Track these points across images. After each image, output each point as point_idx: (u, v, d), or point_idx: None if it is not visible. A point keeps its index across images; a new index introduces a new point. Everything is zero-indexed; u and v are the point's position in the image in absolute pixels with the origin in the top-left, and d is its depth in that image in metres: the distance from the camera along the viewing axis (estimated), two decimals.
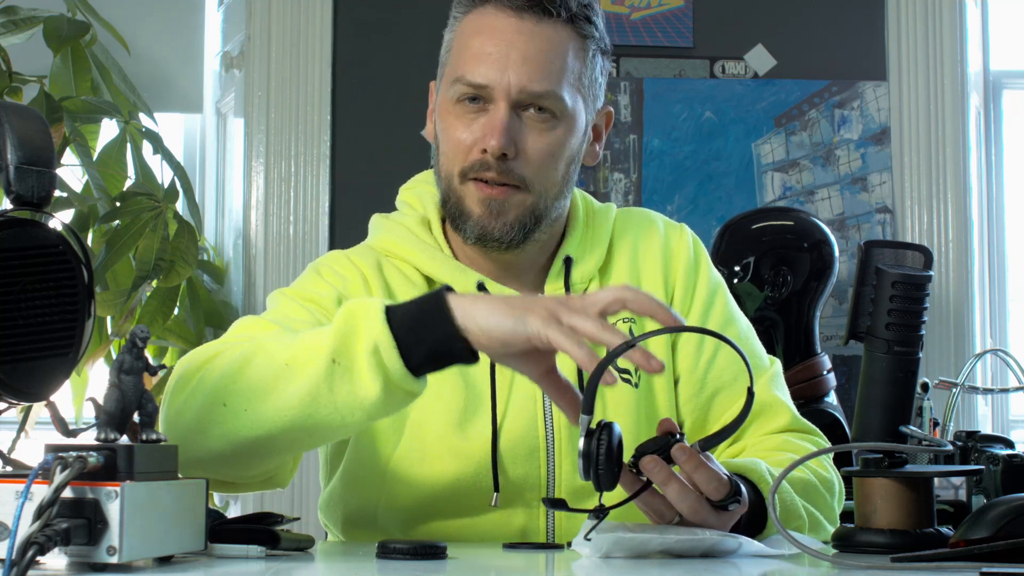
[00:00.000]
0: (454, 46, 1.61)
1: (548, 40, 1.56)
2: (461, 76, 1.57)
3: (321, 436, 1.39)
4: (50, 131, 1.20)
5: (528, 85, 1.55)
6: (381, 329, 1.27)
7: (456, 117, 1.58)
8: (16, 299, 1.14)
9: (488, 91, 1.55)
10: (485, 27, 1.57)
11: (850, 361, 3.19)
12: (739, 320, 1.72)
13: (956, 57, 3.34)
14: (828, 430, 2.58)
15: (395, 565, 1.23)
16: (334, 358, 1.29)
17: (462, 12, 1.62)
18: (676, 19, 3.31)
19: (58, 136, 2.77)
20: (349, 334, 1.29)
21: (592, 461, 1.26)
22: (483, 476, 1.56)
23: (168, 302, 2.99)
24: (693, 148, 3.28)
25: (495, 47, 1.55)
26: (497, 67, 1.55)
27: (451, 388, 1.57)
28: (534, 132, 1.57)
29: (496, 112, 1.55)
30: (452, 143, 1.59)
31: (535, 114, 1.56)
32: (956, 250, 3.29)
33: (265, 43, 3.27)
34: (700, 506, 1.32)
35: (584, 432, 1.26)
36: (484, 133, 1.55)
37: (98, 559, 1.05)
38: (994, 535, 1.23)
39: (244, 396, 1.34)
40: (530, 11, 1.56)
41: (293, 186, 3.23)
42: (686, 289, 1.69)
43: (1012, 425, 3.47)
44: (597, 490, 1.28)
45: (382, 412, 1.32)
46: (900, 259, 1.48)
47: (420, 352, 1.28)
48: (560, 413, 1.58)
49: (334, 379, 1.29)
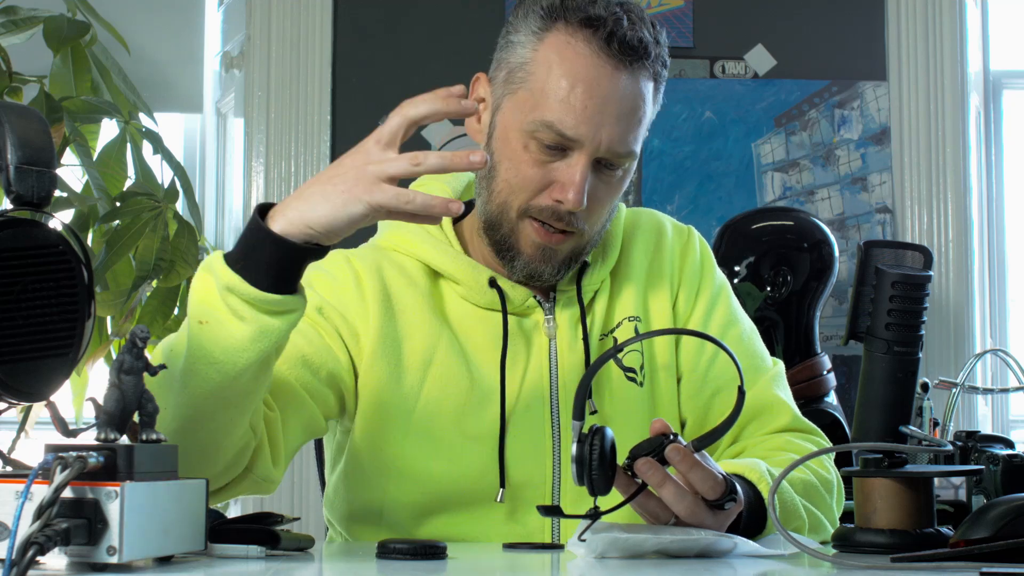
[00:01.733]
0: (536, 72, 1.52)
1: (637, 95, 1.52)
2: (551, 123, 1.50)
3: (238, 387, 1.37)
4: (50, 131, 1.20)
5: (617, 147, 1.51)
6: (222, 272, 1.32)
7: (529, 152, 1.52)
8: (16, 299, 1.14)
9: (576, 144, 1.50)
10: (581, 71, 1.50)
11: (850, 361, 3.19)
12: (742, 321, 1.72)
13: (956, 57, 3.34)
14: (828, 430, 2.58)
15: (395, 565, 1.23)
16: (200, 320, 1.34)
17: (543, 27, 1.53)
18: (676, 19, 3.31)
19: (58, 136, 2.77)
20: (203, 295, 1.34)
21: (585, 466, 1.26)
22: (489, 472, 1.57)
23: (168, 302, 2.98)
24: (693, 148, 3.29)
25: (592, 100, 1.49)
26: (592, 123, 1.49)
27: (456, 385, 1.58)
28: (604, 184, 1.54)
29: (578, 166, 1.50)
30: (520, 177, 1.53)
31: (609, 169, 1.54)
32: (956, 250, 3.29)
33: (265, 43, 3.27)
34: (696, 507, 1.32)
35: (576, 438, 1.27)
36: (562, 183, 1.51)
37: (98, 559, 1.05)
38: (994, 535, 1.23)
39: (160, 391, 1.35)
40: (627, 63, 1.50)
41: (293, 186, 3.23)
42: (690, 290, 1.69)
43: (1012, 425, 3.47)
44: (592, 495, 1.29)
45: (269, 341, 1.35)
46: (900, 259, 1.48)
47: (261, 273, 1.32)
48: (567, 413, 1.58)
49: (205, 339, 1.34)
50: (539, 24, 1.53)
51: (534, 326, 1.62)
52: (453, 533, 1.57)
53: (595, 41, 1.50)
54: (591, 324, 1.63)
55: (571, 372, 1.60)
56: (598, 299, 1.65)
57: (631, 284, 1.67)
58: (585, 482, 1.27)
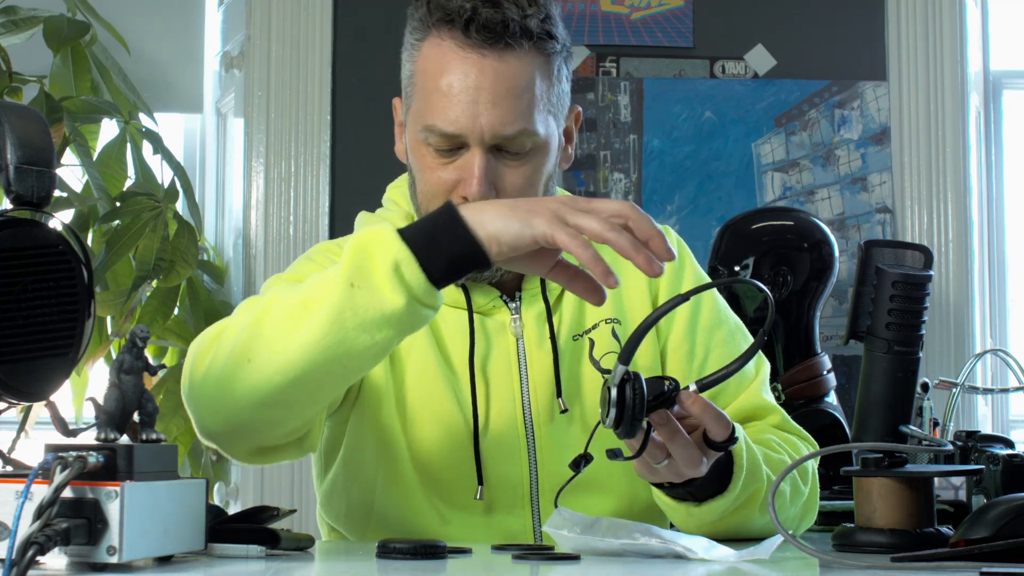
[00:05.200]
0: (417, 82, 1.55)
1: (515, 74, 1.51)
2: (432, 125, 1.52)
3: (350, 366, 1.37)
4: (50, 131, 1.20)
5: (501, 130, 1.50)
6: (399, 247, 1.29)
7: (431, 157, 1.54)
8: (16, 299, 1.14)
9: (461, 138, 1.51)
10: (448, 67, 1.51)
11: (850, 361, 3.19)
12: (726, 321, 1.72)
13: (956, 57, 3.34)
14: (828, 430, 2.58)
15: (395, 565, 1.23)
16: (352, 282, 1.30)
17: (419, 39, 1.56)
18: (676, 19, 3.31)
19: (58, 136, 2.77)
20: (364, 259, 1.30)
21: (628, 409, 1.27)
22: (466, 471, 1.58)
23: (168, 302, 2.99)
24: (693, 148, 3.28)
25: (463, 92, 1.50)
26: (467, 113, 1.50)
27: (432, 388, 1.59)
28: (510, 169, 1.54)
29: (472, 158, 1.51)
30: (430, 184, 1.55)
31: (512, 155, 1.53)
32: (956, 250, 3.29)
33: (265, 43, 3.27)
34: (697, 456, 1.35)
35: (617, 381, 1.28)
36: (462, 178, 1.52)
37: (98, 559, 1.06)
38: (994, 535, 1.23)
39: (267, 345, 1.35)
40: (491, 45, 1.50)
41: (293, 186, 3.23)
42: (670, 293, 1.68)
43: (1012, 425, 3.47)
44: (622, 437, 1.31)
45: (407, 328, 1.33)
46: (900, 259, 1.48)
47: (440, 263, 1.30)
48: (539, 411, 1.59)
49: (356, 301, 1.30)
50: (415, 36, 1.57)
51: (500, 326, 1.63)
52: (437, 527, 1.58)
53: (457, 34, 1.51)
54: (559, 323, 1.63)
55: (541, 372, 1.61)
56: (565, 298, 1.65)
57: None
58: (623, 424, 1.28)
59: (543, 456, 1.60)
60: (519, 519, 1.60)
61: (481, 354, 1.61)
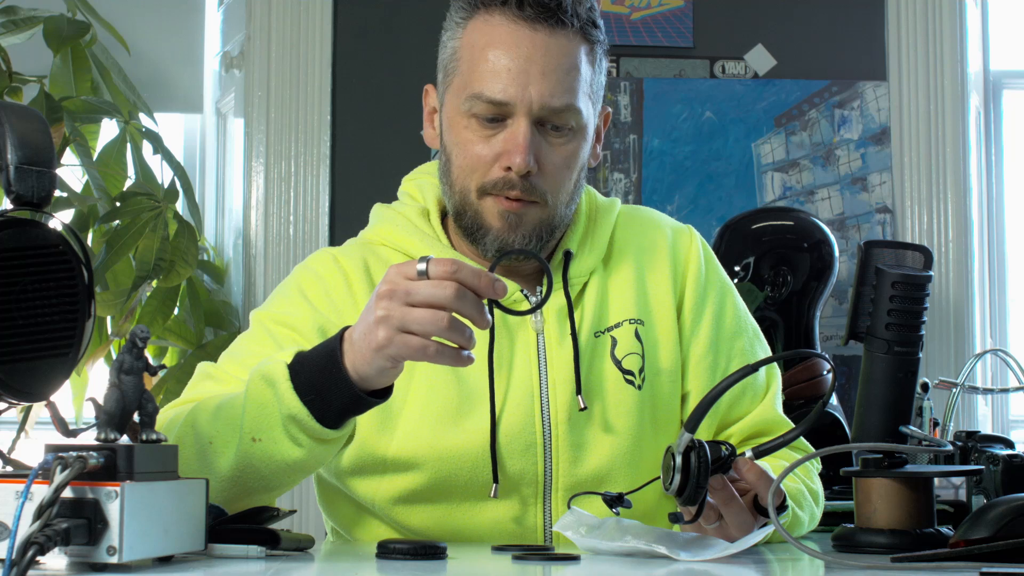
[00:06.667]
0: (463, 56, 1.57)
1: (564, 51, 1.55)
2: (479, 93, 1.54)
3: (284, 480, 1.46)
4: (50, 131, 1.20)
5: (550, 101, 1.53)
6: (291, 401, 1.38)
7: (472, 131, 1.56)
8: (16, 299, 1.14)
9: (509, 108, 1.54)
10: (499, 39, 1.54)
11: (850, 361, 3.19)
12: (747, 327, 1.72)
13: (956, 57, 3.34)
14: (828, 430, 2.58)
15: (395, 565, 1.23)
16: (253, 437, 1.40)
17: (464, 17, 1.59)
18: (676, 19, 3.31)
19: (58, 136, 2.77)
20: (262, 415, 1.40)
21: (692, 477, 1.30)
22: (481, 469, 1.56)
23: (168, 302, 2.99)
24: (693, 148, 3.28)
25: (513, 61, 1.53)
26: (517, 83, 1.53)
27: (444, 385, 1.58)
28: (554, 147, 1.56)
29: (518, 129, 1.54)
30: (469, 158, 1.57)
31: (556, 131, 1.56)
32: (956, 250, 3.29)
33: (265, 43, 3.27)
34: (750, 521, 1.37)
35: (682, 448, 1.30)
36: (507, 150, 1.54)
37: (98, 559, 1.05)
38: (994, 535, 1.23)
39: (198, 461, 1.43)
40: (543, 21, 1.54)
41: (293, 186, 3.23)
42: (696, 299, 1.68)
43: (1012, 425, 3.47)
44: (683, 505, 1.33)
45: (319, 462, 1.45)
46: (900, 259, 1.48)
47: (332, 413, 1.38)
48: (558, 409, 1.58)
49: (263, 450, 1.40)
50: (461, 15, 1.60)
51: (520, 320, 1.62)
52: (445, 527, 1.57)
53: (509, 11, 1.55)
54: (581, 318, 1.62)
55: (561, 368, 1.60)
56: (588, 292, 1.64)
57: (627, 281, 1.66)
58: (687, 492, 1.30)
59: (558, 455, 1.58)
60: (531, 517, 1.59)
61: (501, 348, 1.60)
